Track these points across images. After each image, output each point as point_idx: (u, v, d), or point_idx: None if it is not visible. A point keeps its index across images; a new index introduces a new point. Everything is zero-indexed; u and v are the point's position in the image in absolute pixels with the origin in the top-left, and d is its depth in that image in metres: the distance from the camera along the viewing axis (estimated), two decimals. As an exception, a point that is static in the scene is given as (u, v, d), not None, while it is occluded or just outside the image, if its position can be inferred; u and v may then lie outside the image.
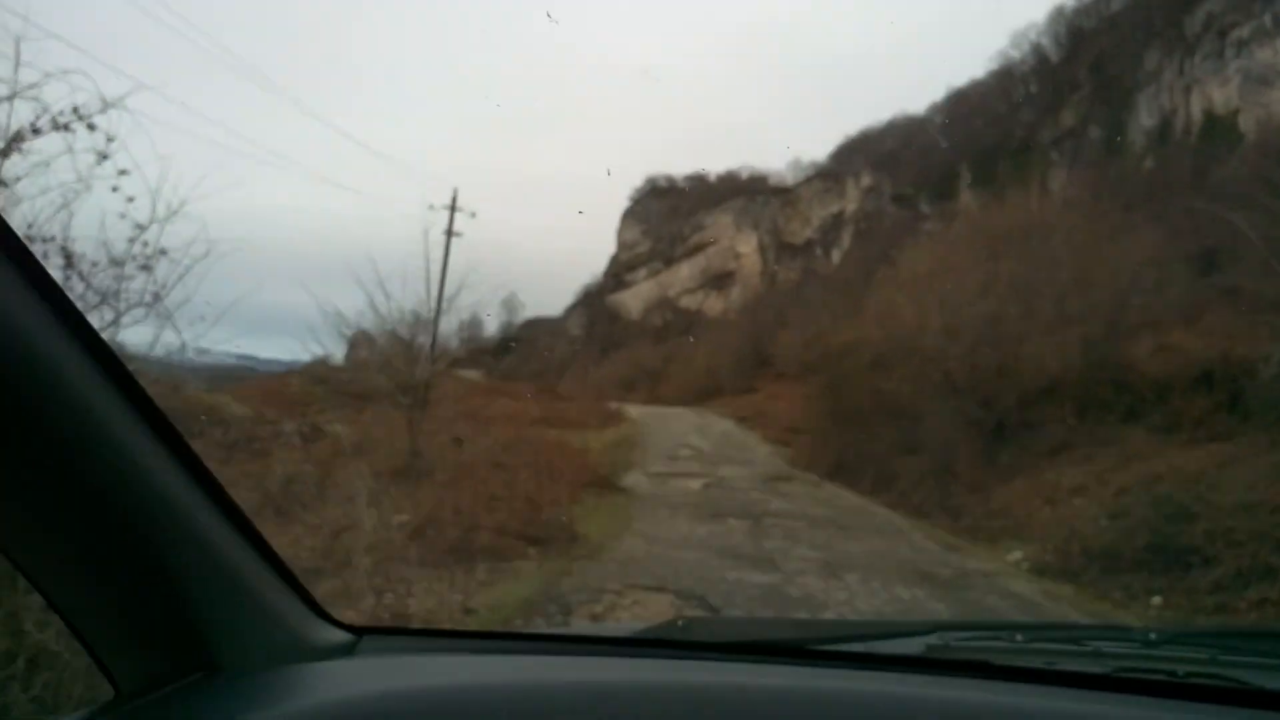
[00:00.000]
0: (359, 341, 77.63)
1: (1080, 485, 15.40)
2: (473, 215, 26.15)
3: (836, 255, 73.05)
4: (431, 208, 25.41)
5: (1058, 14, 65.58)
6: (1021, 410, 18.24)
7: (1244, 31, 45.43)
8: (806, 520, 13.75)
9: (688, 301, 78.66)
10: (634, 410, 37.67)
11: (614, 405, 38.14)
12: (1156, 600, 10.29)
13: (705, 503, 14.85)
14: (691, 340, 65.53)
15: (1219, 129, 45.00)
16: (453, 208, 25.58)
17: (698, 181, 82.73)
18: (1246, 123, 42.83)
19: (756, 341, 54.36)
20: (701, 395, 49.16)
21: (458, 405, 33.83)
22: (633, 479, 17.37)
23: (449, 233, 25.25)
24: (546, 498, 12.83)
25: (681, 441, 26.61)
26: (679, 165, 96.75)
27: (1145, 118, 53.72)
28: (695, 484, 17.36)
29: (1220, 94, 47.15)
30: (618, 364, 68.47)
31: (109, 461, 1.16)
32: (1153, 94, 53.20)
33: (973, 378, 18.23)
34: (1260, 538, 10.55)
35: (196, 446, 1.28)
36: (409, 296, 38.58)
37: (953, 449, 17.31)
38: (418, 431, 23.58)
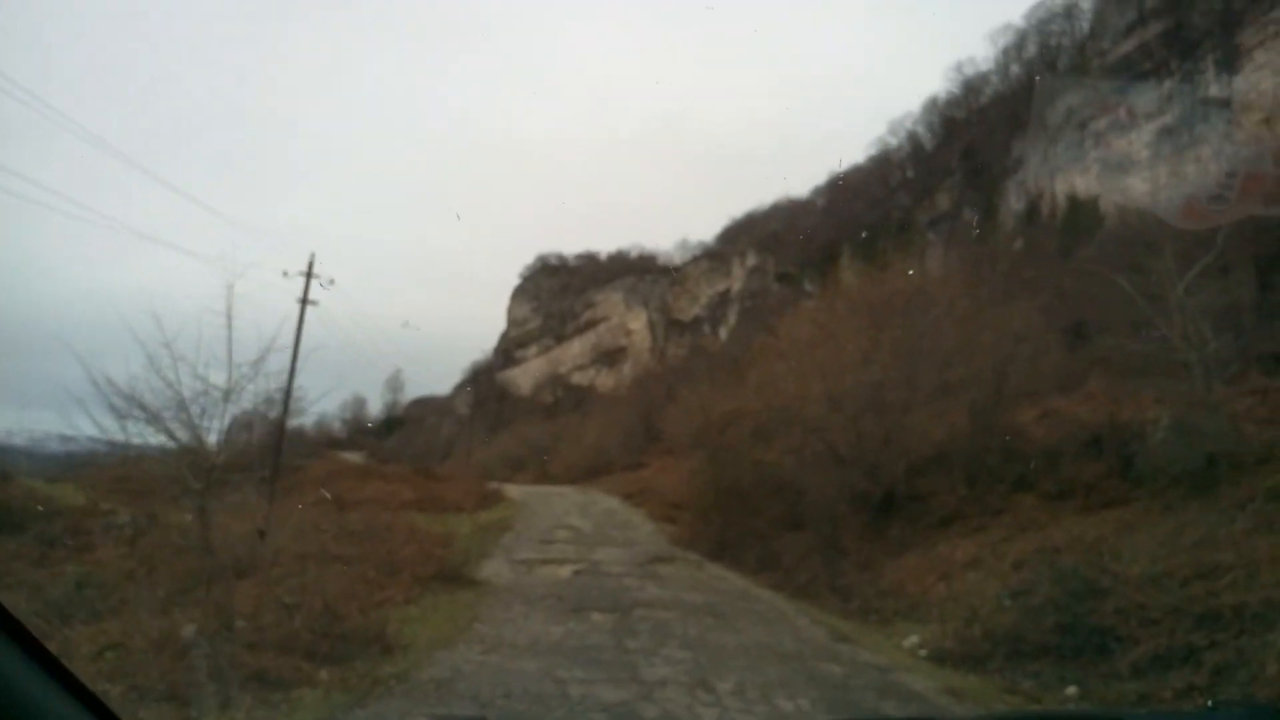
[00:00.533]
0: (240, 423, 72.31)
1: (975, 558, 14.15)
2: (330, 282, 24.09)
3: (724, 332, 73.34)
4: (286, 275, 23.21)
5: (931, 104, 68.29)
6: (909, 480, 17.08)
7: (1101, 124, 47.23)
8: (681, 610, 12.00)
9: (579, 378, 77.23)
10: (515, 490, 35.55)
11: (494, 485, 35.95)
12: (1072, 690, 8.92)
13: (571, 593, 12.96)
14: (581, 417, 64.21)
15: (1081, 212, 46.52)
16: (309, 274, 23.45)
17: (588, 260, 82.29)
18: (1106, 206, 44.37)
19: (646, 417, 53.72)
20: (591, 472, 48.10)
21: (323, 488, 31.39)
22: (493, 568, 15.35)
23: (304, 300, 23.05)
24: (372, 598, 10.79)
25: (561, 522, 24.67)
26: (570, 244, 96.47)
27: (1014, 201, 55.69)
28: (565, 571, 15.46)
29: (1081, 180, 48.84)
30: (507, 442, 66.63)
31: None
32: (1020, 179, 55.24)
33: (857, 447, 17.01)
34: (1175, 613, 9.33)
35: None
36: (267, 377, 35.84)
37: (839, 523, 15.96)
38: (265, 518, 21.09)
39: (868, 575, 14.32)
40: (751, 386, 20.29)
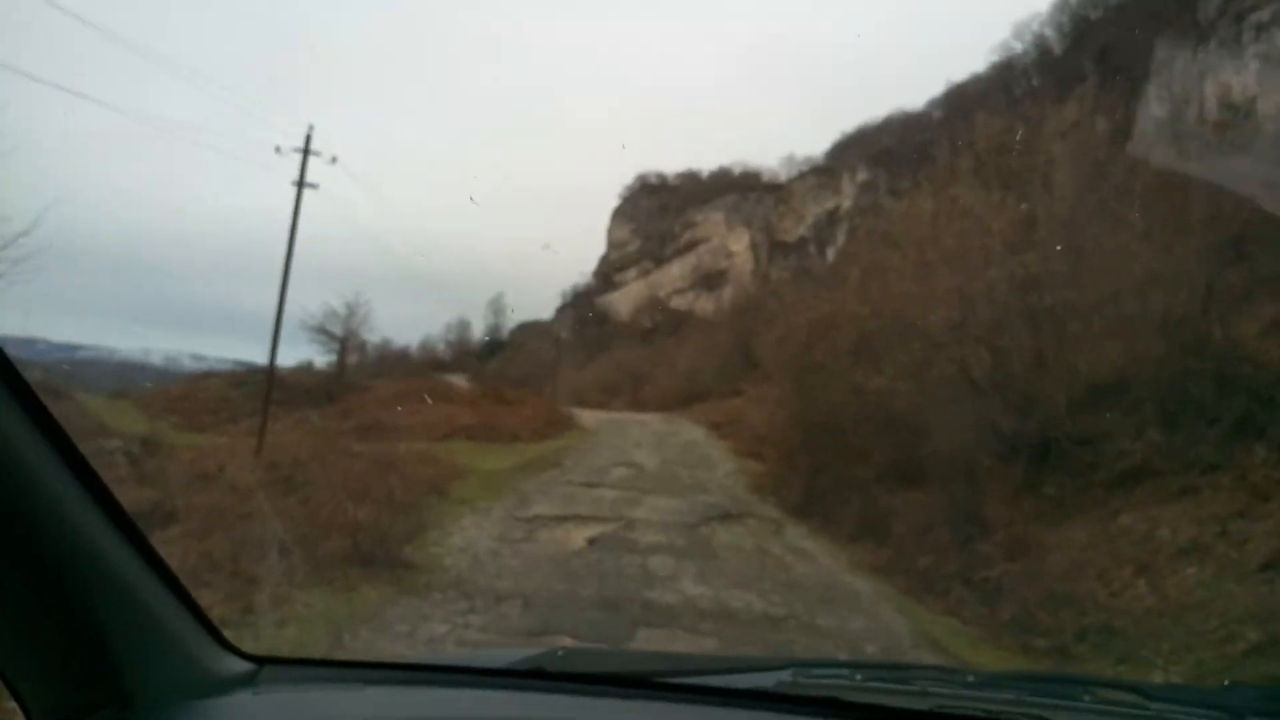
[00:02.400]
0: (350, 346, 68.93)
1: (1194, 542, 8.83)
2: (333, 160, 19.56)
3: (831, 253, 66.88)
4: (279, 150, 18.80)
5: (1062, 4, 59.26)
6: (1074, 418, 11.64)
7: (1263, 14, 39.86)
8: (721, 638, 7.13)
9: (678, 302, 72.11)
10: (591, 418, 31.15)
11: (571, 411, 31.70)
12: None
13: (552, 593, 8.18)
14: (678, 342, 59.66)
15: (1236, 117, 39.16)
16: (305, 150, 18.98)
17: (689, 179, 76.32)
18: (1265, 109, 37.17)
19: (745, 342, 49.26)
20: (685, 399, 43.69)
21: (372, 413, 27.71)
22: (472, 533, 10.77)
23: (300, 183, 18.66)
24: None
25: (624, 458, 20.07)
26: (671, 163, 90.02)
27: (1156, 107, 48.03)
28: (579, 537, 10.77)
29: (1237, 81, 41.22)
30: (604, 367, 62.82)
31: (13, 491, 1.12)
32: (1164, 82, 47.36)
33: (1001, 370, 11.68)
34: None
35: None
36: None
37: (975, 478, 10.72)
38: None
39: (1022, 563, 9.08)
40: (852, 286, 14.99)
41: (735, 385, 43.56)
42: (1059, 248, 11.96)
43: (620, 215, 79.44)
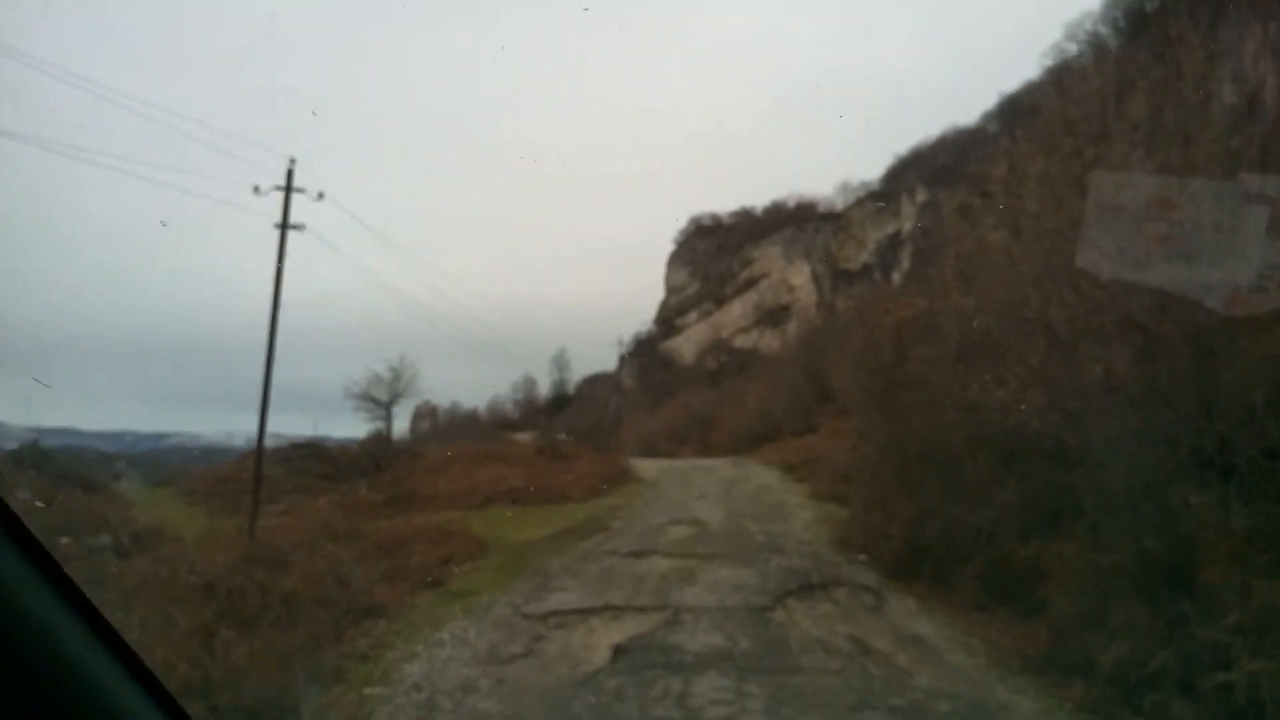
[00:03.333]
0: (422, 412, 66.31)
1: None
2: (320, 196, 16.99)
3: (897, 277, 63.04)
4: (257, 190, 16.31)
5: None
6: (1263, 424, 8.07)
7: None
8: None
9: (742, 341, 68.77)
10: (653, 468, 27.93)
11: (629, 463, 28.55)
12: None
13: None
14: (744, 382, 56.33)
15: None
16: (288, 188, 16.47)
17: (744, 216, 73.40)
18: None
19: (816, 376, 45.69)
20: (755, 440, 40.10)
21: (415, 481, 25.10)
22: (443, 652, 7.61)
23: (284, 225, 16.08)
24: None
25: (684, 514, 16.86)
26: (725, 203, 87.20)
27: (1226, 94, 43.00)
28: (604, 643, 7.58)
29: None
30: (670, 412, 59.77)
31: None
32: (1233, 68, 42.60)
33: (1165, 366, 8.22)
34: None
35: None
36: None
37: (1170, 520, 7.20)
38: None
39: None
40: (949, 273, 11.62)
41: (808, 421, 40.32)
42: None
43: (677, 259, 76.84)
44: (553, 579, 10.49)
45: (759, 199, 74.37)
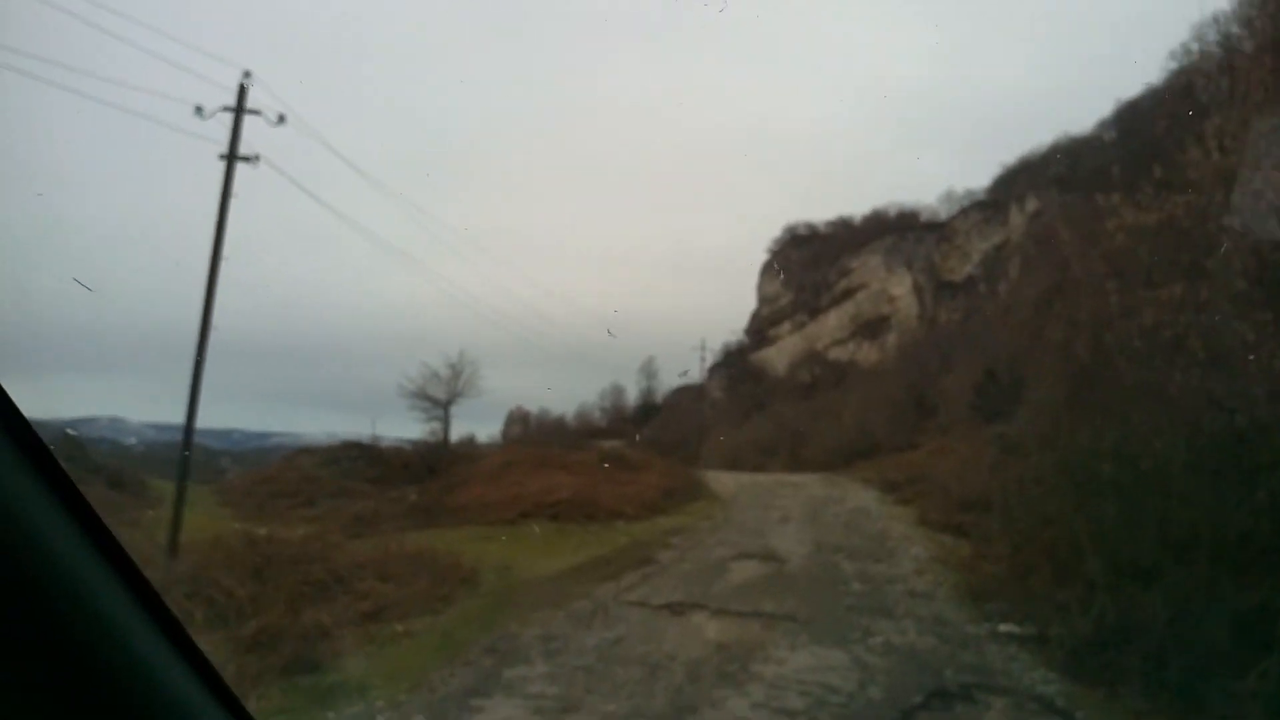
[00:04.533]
0: (515, 417, 63.27)
1: None
2: (280, 120, 13.17)
3: (1003, 289, 57.04)
4: (199, 111, 12.71)
5: (1250, -6, 48.10)
6: None
7: None
8: None
9: (838, 353, 63.50)
10: (731, 482, 23.73)
11: (703, 476, 24.42)
12: None
13: None
14: (840, 395, 51.43)
15: None
16: (239, 109, 12.69)
17: (841, 226, 68.14)
18: None
19: (917, 390, 41.29)
20: (851, 456, 35.88)
21: (457, 489, 21.66)
22: None
23: (231, 155, 12.46)
24: None
25: (758, 544, 12.71)
26: (821, 214, 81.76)
27: None
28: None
29: None
30: (760, 425, 55.30)
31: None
32: None
33: None
34: None
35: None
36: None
37: None
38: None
39: None
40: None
41: (909, 438, 35.71)
42: None
43: (769, 269, 72.14)
44: (511, 664, 6.48)
45: (858, 210, 69.00)
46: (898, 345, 57.60)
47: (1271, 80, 7.73)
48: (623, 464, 25.10)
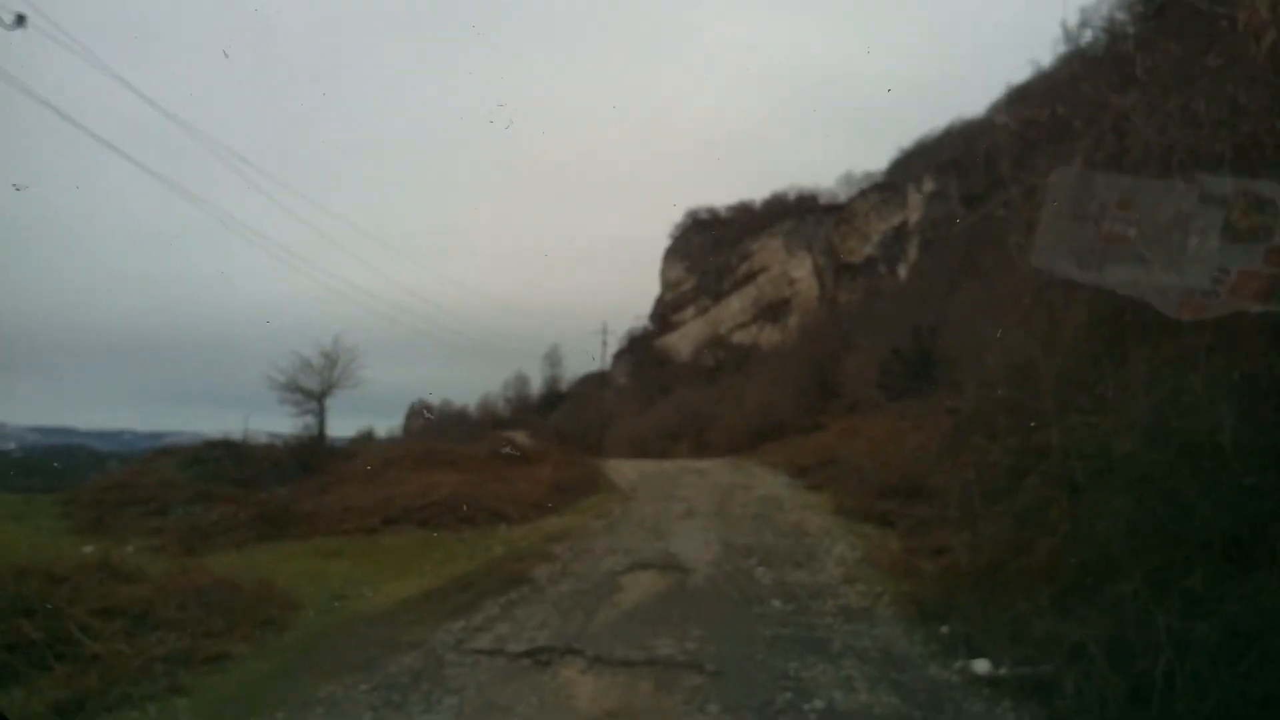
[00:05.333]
0: (417, 410, 58.61)
1: None
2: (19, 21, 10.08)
3: (903, 270, 56.90)
4: None
5: (1130, -22, 48.72)
6: None
7: None
8: None
9: (741, 336, 62.22)
10: (633, 472, 21.53)
11: (604, 466, 22.15)
12: None
13: None
14: (744, 378, 50.05)
15: None
16: None
17: (742, 210, 66.82)
18: None
19: (820, 371, 39.75)
20: (756, 438, 34.37)
21: (343, 488, 18.89)
22: None
23: None
24: None
25: (658, 547, 10.47)
26: (722, 199, 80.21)
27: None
28: None
29: None
30: (665, 411, 53.73)
31: None
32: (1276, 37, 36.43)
33: None
34: None
35: None
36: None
37: None
38: None
39: None
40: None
41: (814, 419, 34.30)
42: None
43: (673, 254, 70.23)
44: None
45: (759, 194, 67.73)
46: (799, 327, 56.62)
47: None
48: (516, 457, 22.58)
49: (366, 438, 47.67)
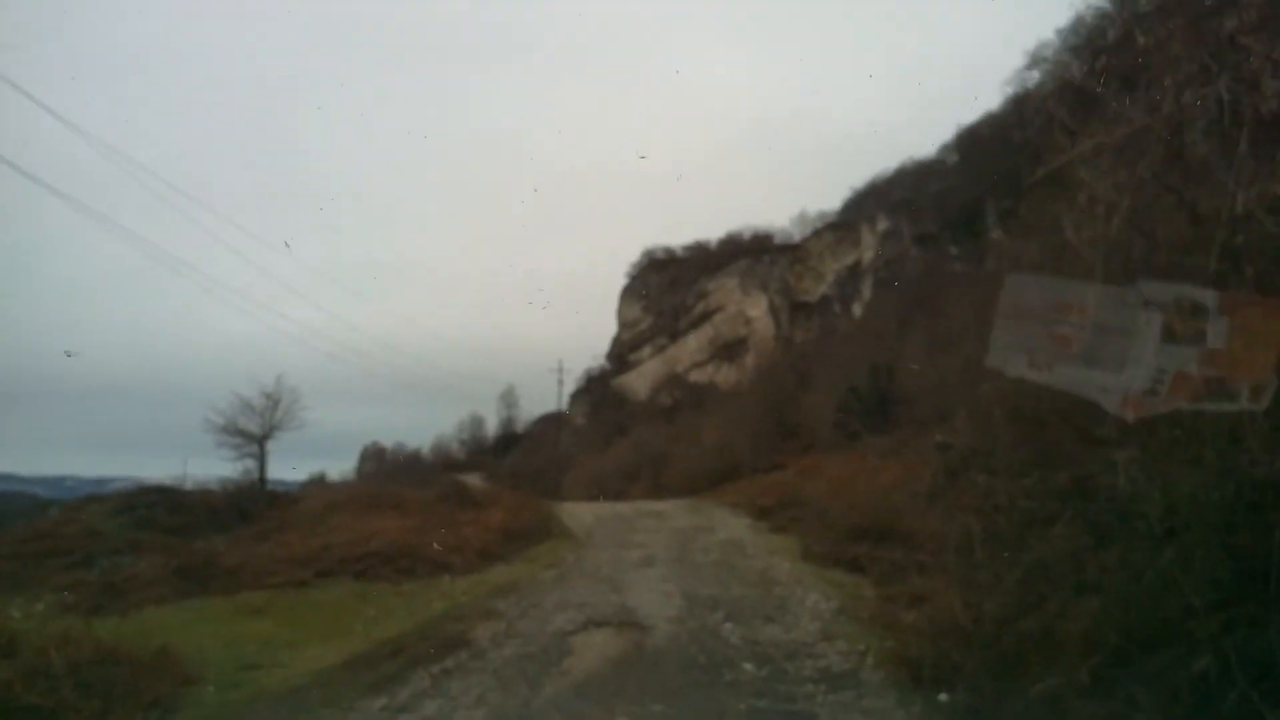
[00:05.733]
0: (370, 453, 56.63)
1: None
2: None
3: (858, 308, 57.07)
4: None
5: (1078, 23, 50.25)
6: None
7: None
8: None
9: (698, 375, 61.60)
10: (588, 515, 20.45)
11: (558, 510, 21.02)
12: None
13: None
14: (701, 417, 49.29)
15: None
16: None
17: (698, 250, 66.64)
18: None
19: (777, 410, 39.08)
20: (714, 478, 33.46)
21: (285, 534, 17.58)
22: None
23: None
24: None
25: (610, 604, 9.44)
26: (677, 239, 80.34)
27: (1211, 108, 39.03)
28: None
29: None
30: (622, 450, 52.74)
31: None
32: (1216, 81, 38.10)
33: None
34: None
35: None
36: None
37: None
38: None
39: None
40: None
41: (771, 458, 33.58)
42: None
43: (629, 294, 69.65)
44: None
45: (713, 233, 67.62)
46: (755, 366, 56.20)
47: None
48: (466, 500, 21.35)
49: (318, 481, 45.68)
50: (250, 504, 22.84)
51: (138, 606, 10.97)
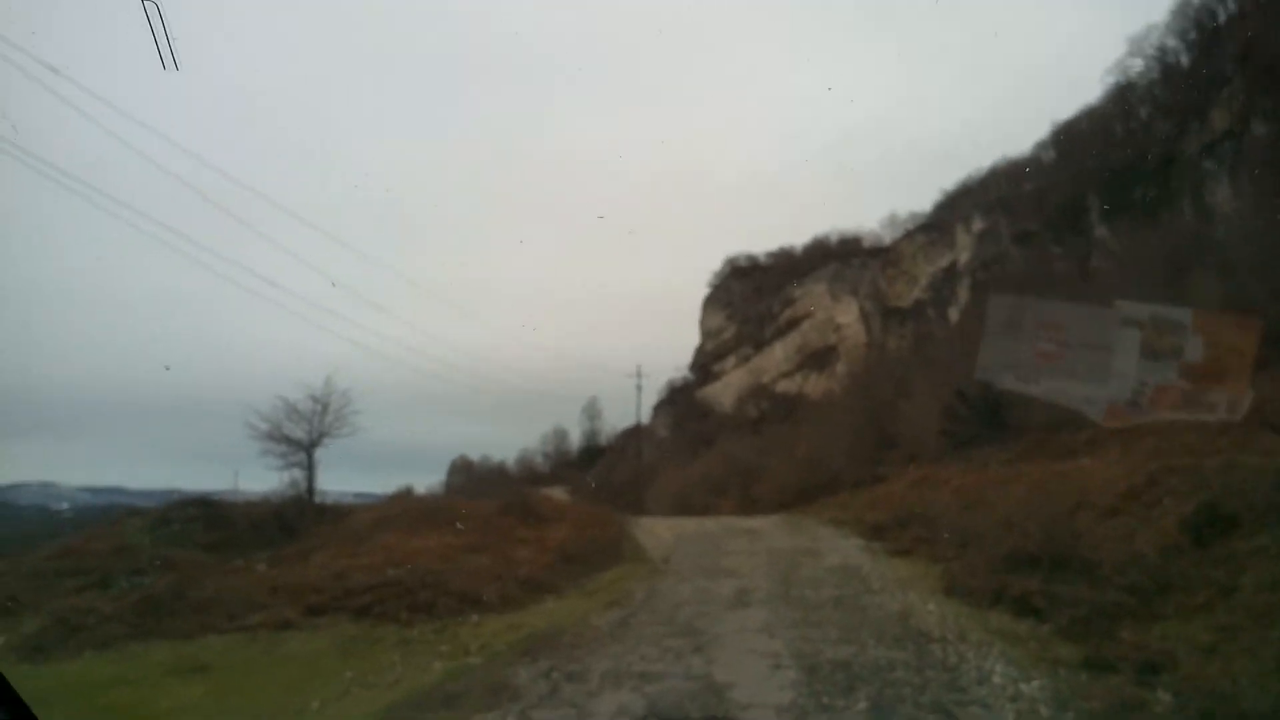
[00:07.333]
0: (458, 466, 54.49)
1: None
2: None
3: (954, 313, 52.12)
4: None
5: (1183, 7, 44.96)
6: None
7: None
8: None
9: (785, 385, 57.48)
10: (668, 534, 17.06)
11: (634, 527, 17.68)
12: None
13: None
14: (791, 429, 45.46)
15: None
16: None
17: (782, 256, 62.65)
18: None
19: (875, 420, 35.12)
20: (807, 493, 30.43)
21: (324, 553, 14.98)
22: None
23: None
24: None
25: (687, 678, 5.99)
26: (762, 246, 76.07)
27: None
28: None
29: None
30: (709, 463, 49.39)
31: None
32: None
33: None
34: None
35: None
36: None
37: None
38: None
39: None
40: None
41: (872, 470, 29.59)
42: None
43: (712, 303, 66.09)
44: None
45: (799, 240, 63.52)
46: (848, 374, 51.87)
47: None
48: (530, 514, 18.25)
49: (404, 495, 43.89)
50: (295, 518, 20.31)
51: (76, 651, 8.16)
